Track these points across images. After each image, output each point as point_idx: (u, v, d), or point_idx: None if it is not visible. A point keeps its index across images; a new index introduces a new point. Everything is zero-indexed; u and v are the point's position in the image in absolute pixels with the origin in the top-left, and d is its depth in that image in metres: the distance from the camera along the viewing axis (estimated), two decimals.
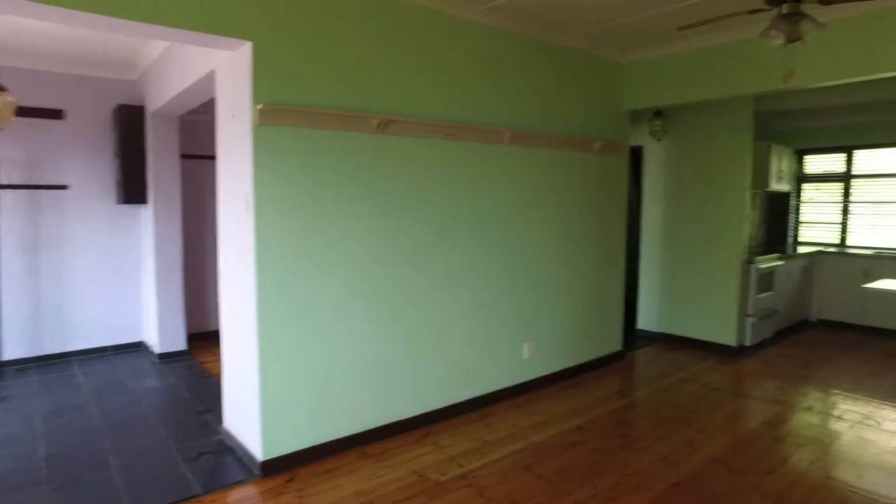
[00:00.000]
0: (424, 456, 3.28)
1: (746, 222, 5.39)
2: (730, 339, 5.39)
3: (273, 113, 2.86)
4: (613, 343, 5.16)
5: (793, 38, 2.78)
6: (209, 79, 3.43)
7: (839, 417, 3.94)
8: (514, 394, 4.25)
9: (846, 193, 6.93)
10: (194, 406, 4.04)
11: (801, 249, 6.60)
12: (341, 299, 3.24)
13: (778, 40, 2.76)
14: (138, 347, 5.48)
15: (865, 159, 6.78)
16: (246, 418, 3.18)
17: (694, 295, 5.61)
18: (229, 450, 3.33)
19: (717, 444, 3.48)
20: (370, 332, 3.39)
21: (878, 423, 3.86)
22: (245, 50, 2.85)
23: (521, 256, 4.21)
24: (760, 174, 6.04)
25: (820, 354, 5.51)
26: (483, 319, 4.00)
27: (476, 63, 3.79)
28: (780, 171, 6.45)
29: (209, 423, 3.72)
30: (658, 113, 5.42)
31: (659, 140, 5.57)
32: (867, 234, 6.83)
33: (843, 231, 6.99)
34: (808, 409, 4.09)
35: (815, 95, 5.87)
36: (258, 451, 3.04)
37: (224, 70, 3.16)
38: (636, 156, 5.98)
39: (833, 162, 7.01)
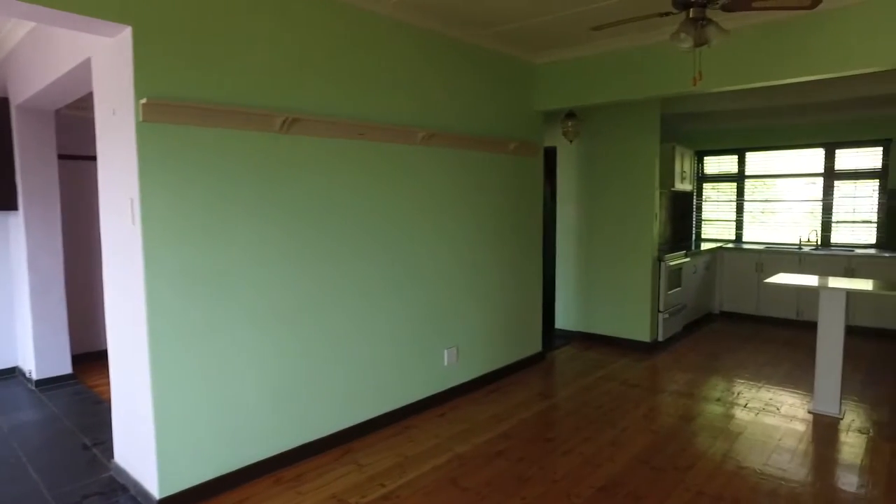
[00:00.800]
0: (344, 478, 3.06)
1: (656, 221, 5.56)
2: (644, 336, 5.54)
3: (160, 109, 2.54)
4: (534, 344, 5.15)
5: (700, 43, 2.83)
6: (85, 68, 3.02)
7: (745, 406, 4.10)
8: (436, 402, 4.11)
9: (740, 193, 7.37)
10: (79, 439, 3.58)
11: (704, 246, 6.93)
12: (246, 314, 2.96)
13: (686, 43, 2.80)
14: (11, 374, 4.84)
15: (756, 161, 7.23)
16: (140, 450, 2.82)
17: (609, 293, 5.73)
18: (121, 488, 2.95)
19: (639, 442, 3.50)
20: (280, 348, 3.12)
21: (778, 408, 4.06)
22: (125, 36, 2.51)
23: (438, 260, 4.08)
24: (666, 175, 6.28)
25: (724, 346, 5.79)
26: (401, 328, 3.83)
27: (388, 60, 3.62)
28: (683, 172, 6.74)
29: (97, 458, 3.30)
30: (570, 114, 5.48)
31: (571, 141, 5.64)
32: (758, 230, 7.29)
33: (739, 228, 7.43)
34: (718, 400, 4.24)
35: (714, 100, 6.16)
36: (154, 487, 2.70)
37: (102, 58, 2.79)
38: (551, 156, 6.03)
39: (728, 163, 7.43)
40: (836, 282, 4.07)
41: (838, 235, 6.72)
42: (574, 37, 4.32)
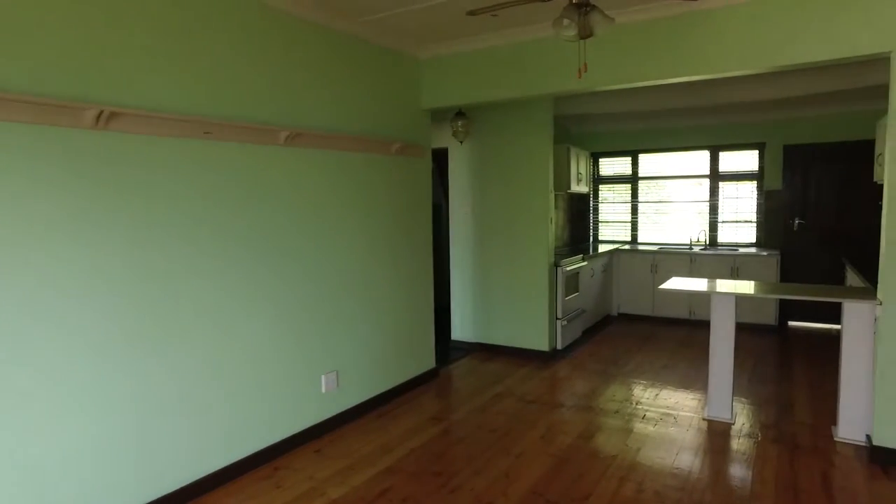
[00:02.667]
0: None
1: (552, 224, 5.37)
2: (543, 345, 5.32)
3: None
4: (427, 360, 4.78)
5: (585, 35, 2.58)
6: None
7: (643, 418, 3.94)
8: (313, 435, 3.62)
9: (634, 194, 7.42)
10: None
11: (601, 248, 6.88)
12: (60, 354, 2.34)
13: (570, 31, 2.52)
14: None
15: (649, 162, 7.31)
16: None
17: (507, 301, 5.47)
18: None
19: (535, 469, 3.20)
20: (101, 392, 2.52)
21: (675, 417, 3.94)
22: None
23: (314, 275, 3.60)
24: (562, 176, 6.13)
25: (623, 349, 5.71)
26: (269, 355, 3.32)
27: (244, 46, 3.10)
28: (579, 174, 6.65)
29: None
30: (460, 113, 5.17)
31: (462, 141, 5.34)
32: (653, 231, 7.37)
33: (634, 229, 7.48)
34: (616, 413, 4.05)
35: (606, 101, 6.12)
36: None
37: None
38: (442, 158, 5.70)
39: (622, 165, 7.46)
40: (725, 285, 4.00)
41: (724, 235, 6.90)
42: (458, 29, 4.00)
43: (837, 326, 6.10)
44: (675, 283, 4.09)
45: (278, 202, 3.34)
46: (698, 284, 4.12)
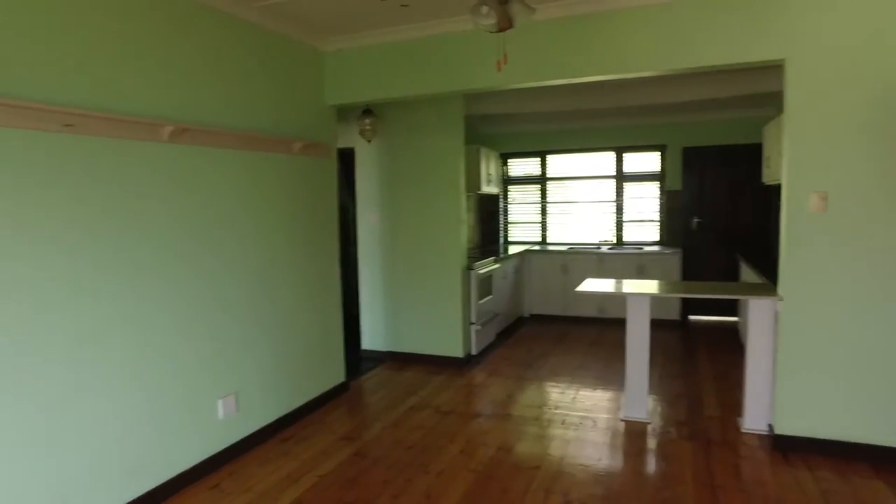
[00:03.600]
0: None
1: (465, 226, 5.23)
2: (457, 351, 5.16)
3: None
4: (336, 373, 4.47)
5: (504, 26, 2.44)
6: None
7: (563, 423, 3.87)
8: (210, 468, 3.22)
9: (543, 195, 7.47)
10: None
11: (512, 249, 6.85)
12: None
13: (489, 19, 2.36)
14: None
15: (557, 163, 7.38)
16: None
17: (419, 308, 5.26)
18: None
19: (458, 487, 3.01)
20: None
21: (595, 421, 3.90)
22: None
23: (207, 285, 3.20)
24: (472, 177, 6.03)
25: (537, 351, 5.67)
26: (153, 379, 2.89)
27: (119, 25, 2.67)
28: (489, 174, 6.58)
29: None
30: (367, 111, 4.90)
31: (369, 141, 5.06)
32: (562, 231, 7.46)
33: (544, 230, 7.53)
34: (536, 420, 3.96)
35: (516, 102, 6.09)
36: None
37: None
38: (349, 158, 5.40)
39: (532, 165, 7.49)
40: (641, 286, 4.03)
41: (630, 234, 7.10)
42: (364, 21, 3.74)
43: (733, 319, 6.47)
44: (591, 286, 4.07)
45: (163, 206, 2.92)
46: (614, 286, 4.12)
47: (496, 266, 5.91)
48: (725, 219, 6.54)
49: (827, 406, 3.29)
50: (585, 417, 3.97)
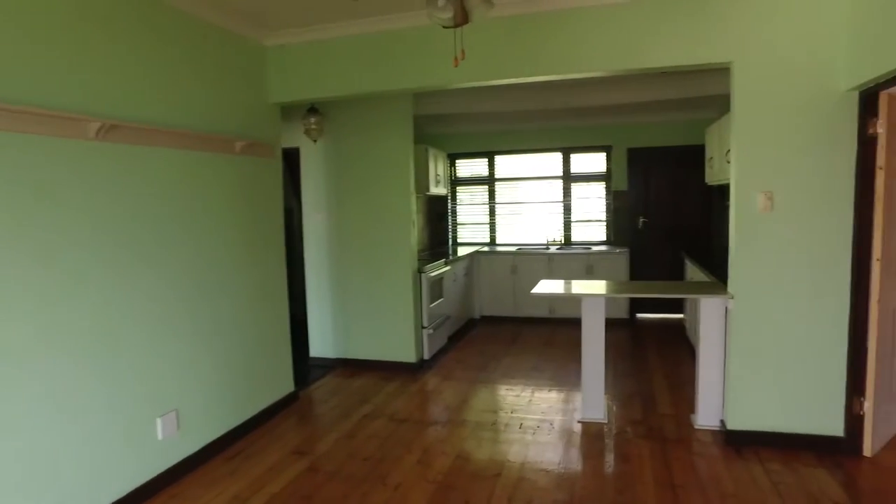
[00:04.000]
0: None
1: (414, 229, 5.12)
2: (410, 356, 5.04)
3: None
4: (285, 383, 4.27)
5: (460, 20, 2.34)
6: None
7: (520, 427, 3.82)
8: (150, 493, 2.98)
9: (491, 196, 7.45)
10: None
11: (461, 251, 6.79)
12: None
13: (445, 13, 2.26)
14: None
15: (505, 164, 7.37)
16: None
17: (369, 312, 5.11)
18: None
19: (417, 500, 2.89)
20: None
21: (552, 423, 3.87)
22: None
23: (143, 294, 2.96)
24: (420, 178, 5.91)
25: (490, 354, 5.62)
26: (82, 405, 2.64)
27: (32, 3, 2.41)
28: (437, 175, 6.49)
29: None
30: (313, 109, 4.71)
31: (316, 140, 4.87)
32: (511, 232, 7.46)
33: (493, 231, 7.51)
34: (493, 425, 3.89)
35: (464, 102, 6.03)
36: None
37: None
38: (293, 158, 5.19)
39: (480, 166, 7.45)
40: (595, 287, 4.04)
41: (578, 234, 7.17)
42: (309, 15, 3.57)
43: (679, 316, 6.63)
44: (546, 287, 4.04)
45: (89, 212, 2.66)
46: (569, 287, 4.11)
47: (447, 268, 5.82)
48: (670, 218, 6.71)
49: (774, 399, 3.37)
50: (543, 420, 3.93)
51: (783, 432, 3.37)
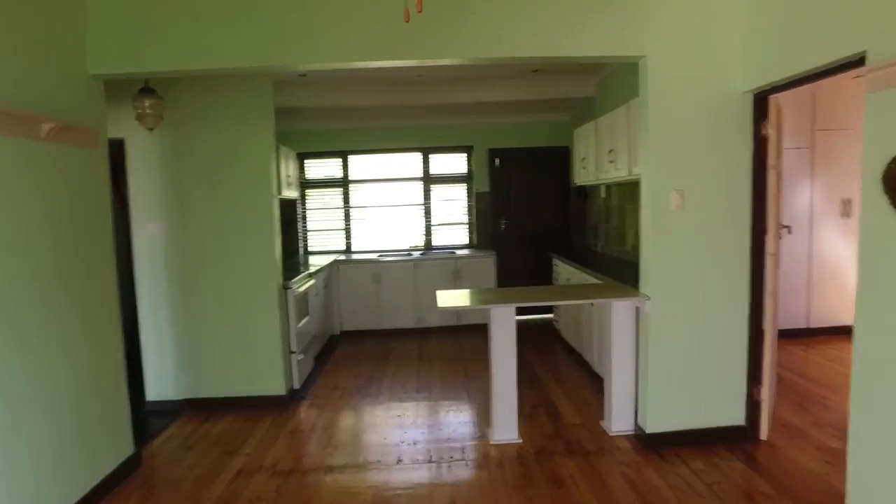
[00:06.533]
0: None
1: (278, 239, 4.34)
2: (279, 388, 4.24)
3: None
4: (122, 444, 3.25)
5: None
6: None
7: (430, 461, 3.33)
8: None
9: (346, 199, 6.82)
10: None
11: (313, 260, 6.06)
12: None
13: None
14: None
15: (360, 165, 6.80)
16: None
17: (225, 340, 4.19)
18: None
19: None
20: None
21: (464, 450, 3.45)
22: None
23: None
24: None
25: (365, 375, 5.01)
26: None
27: None
28: (289, 176, 5.70)
29: None
30: (147, 89, 3.70)
31: (151, 129, 3.83)
32: (368, 238, 6.90)
33: (348, 237, 6.89)
34: (400, 461, 3.34)
35: (314, 94, 5.40)
36: None
37: None
38: (116, 152, 4.07)
39: (332, 167, 6.78)
40: (505, 295, 3.71)
41: (441, 238, 6.86)
42: None
43: (548, 316, 6.60)
44: (448, 300, 3.61)
45: None
46: (476, 298, 3.74)
47: (311, 282, 5.10)
48: (532, 220, 6.71)
49: (690, 398, 3.37)
50: (452, 448, 3.49)
51: (696, 429, 3.37)
